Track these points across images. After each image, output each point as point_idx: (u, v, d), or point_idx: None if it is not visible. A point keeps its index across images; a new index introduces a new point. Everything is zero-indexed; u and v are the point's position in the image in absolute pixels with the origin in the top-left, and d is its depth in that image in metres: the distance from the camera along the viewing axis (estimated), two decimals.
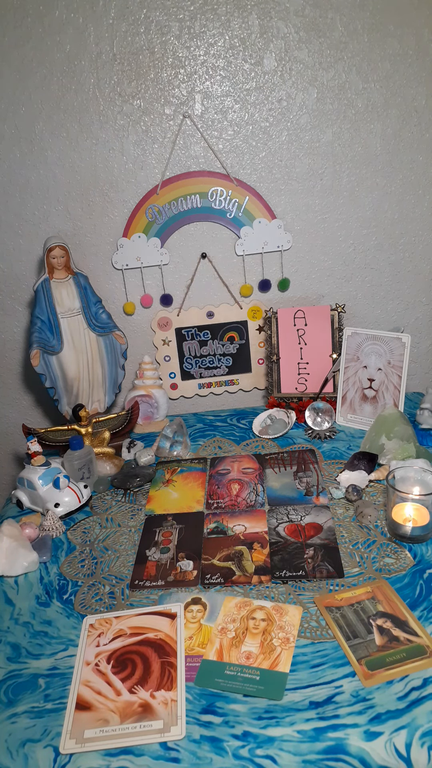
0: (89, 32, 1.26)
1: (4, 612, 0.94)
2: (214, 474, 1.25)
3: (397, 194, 1.43)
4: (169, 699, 0.76)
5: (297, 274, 1.50)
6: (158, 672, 0.79)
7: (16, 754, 0.71)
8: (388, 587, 0.89)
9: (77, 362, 1.37)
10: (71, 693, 0.78)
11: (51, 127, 1.32)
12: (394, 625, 0.82)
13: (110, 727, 0.73)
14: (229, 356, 1.54)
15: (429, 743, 0.67)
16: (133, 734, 0.72)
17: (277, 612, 0.87)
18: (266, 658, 0.80)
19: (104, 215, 1.41)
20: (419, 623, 0.82)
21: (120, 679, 0.79)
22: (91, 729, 0.73)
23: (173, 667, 0.80)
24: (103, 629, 0.88)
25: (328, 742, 0.69)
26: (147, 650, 0.83)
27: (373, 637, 0.81)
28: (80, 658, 0.83)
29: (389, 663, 0.77)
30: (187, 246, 1.45)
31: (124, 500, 1.20)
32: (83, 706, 0.76)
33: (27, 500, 1.18)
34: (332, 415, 1.37)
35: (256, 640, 0.83)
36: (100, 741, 0.71)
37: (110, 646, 0.84)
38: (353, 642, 0.81)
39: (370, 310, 1.55)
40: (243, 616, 0.87)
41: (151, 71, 1.30)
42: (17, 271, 1.46)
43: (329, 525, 1.05)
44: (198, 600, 0.91)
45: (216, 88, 1.32)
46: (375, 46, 1.29)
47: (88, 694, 0.78)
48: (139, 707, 0.75)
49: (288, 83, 1.32)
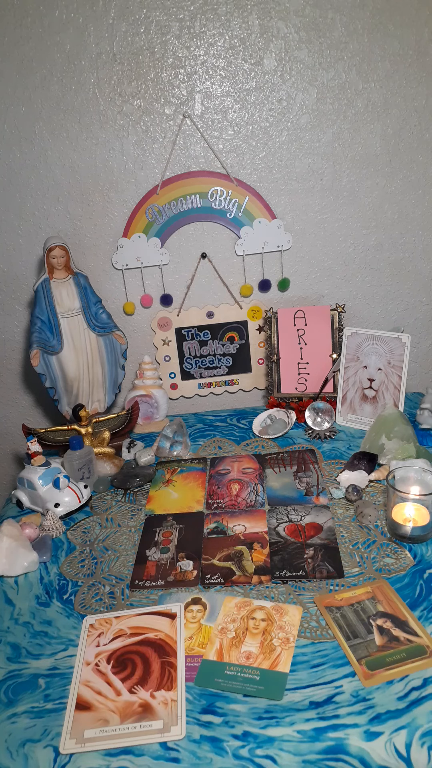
0: (89, 32, 1.26)
1: (4, 612, 0.94)
2: (214, 474, 1.25)
3: (397, 194, 1.43)
4: (169, 699, 0.76)
5: (297, 274, 1.50)
6: (158, 672, 0.79)
7: (16, 754, 0.71)
8: (388, 587, 0.89)
9: (77, 362, 1.37)
10: (71, 693, 0.78)
11: (51, 127, 1.32)
12: (394, 625, 0.82)
13: (110, 727, 0.73)
14: (229, 356, 1.54)
15: (429, 743, 0.67)
16: (133, 734, 0.72)
17: (277, 612, 0.87)
18: (266, 658, 0.80)
19: (104, 215, 1.41)
20: (419, 623, 0.82)
21: (120, 679, 0.79)
22: (91, 729, 0.73)
23: (173, 667, 0.80)
24: (103, 629, 0.88)
25: (328, 742, 0.69)
26: (147, 650, 0.83)
27: (373, 637, 0.81)
28: (80, 658, 0.83)
29: (389, 663, 0.77)
30: (187, 246, 1.45)
31: (124, 500, 1.20)
32: (83, 706, 0.76)
33: (27, 500, 1.18)
34: (332, 415, 1.37)
35: (256, 640, 0.83)
36: (100, 741, 0.71)
37: (110, 646, 0.84)
38: (353, 642, 0.81)
39: (370, 310, 1.55)
40: (243, 616, 0.87)
41: (151, 71, 1.30)
42: (17, 271, 1.46)
43: (329, 525, 1.05)
44: (198, 600, 0.91)
45: (216, 88, 1.32)
46: (375, 46, 1.29)
47: (88, 694, 0.78)
48: (139, 707, 0.75)
49: (288, 83, 1.32)
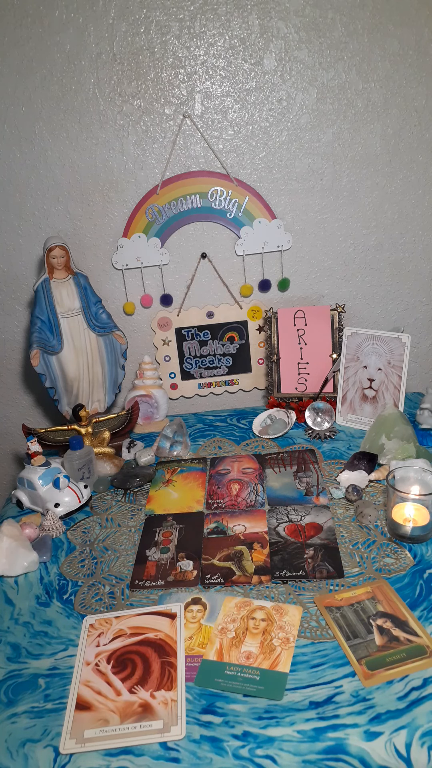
0: (89, 32, 1.26)
1: (4, 612, 0.94)
2: (214, 474, 1.25)
3: (397, 194, 1.43)
4: (169, 699, 0.76)
5: (297, 274, 1.50)
6: (158, 672, 0.79)
7: (16, 754, 0.71)
8: (389, 587, 0.89)
9: (77, 362, 1.37)
10: (71, 693, 0.78)
11: (51, 127, 1.32)
12: (394, 625, 0.82)
13: (110, 727, 0.73)
14: (229, 356, 1.54)
15: (429, 743, 0.67)
16: (133, 734, 0.72)
17: (277, 612, 0.87)
18: (266, 658, 0.80)
19: (104, 215, 1.41)
20: (419, 623, 0.82)
21: (120, 679, 0.79)
22: (91, 729, 0.73)
23: (173, 667, 0.80)
24: (103, 629, 0.88)
25: (328, 742, 0.69)
26: (147, 650, 0.83)
27: (373, 637, 0.81)
28: (80, 658, 0.83)
29: (389, 663, 0.77)
30: (187, 246, 1.45)
31: (124, 500, 1.20)
32: (83, 706, 0.76)
33: (27, 500, 1.18)
34: (332, 415, 1.37)
35: (256, 640, 0.83)
36: (100, 741, 0.71)
37: (110, 646, 0.84)
38: (353, 642, 0.81)
39: (370, 310, 1.55)
40: (243, 616, 0.87)
41: (151, 71, 1.30)
42: (17, 271, 1.46)
43: (329, 525, 1.05)
44: (198, 600, 0.91)
45: (216, 88, 1.32)
46: (375, 46, 1.29)
47: (88, 694, 0.78)
48: (139, 707, 0.75)
49: (288, 83, 1.32)
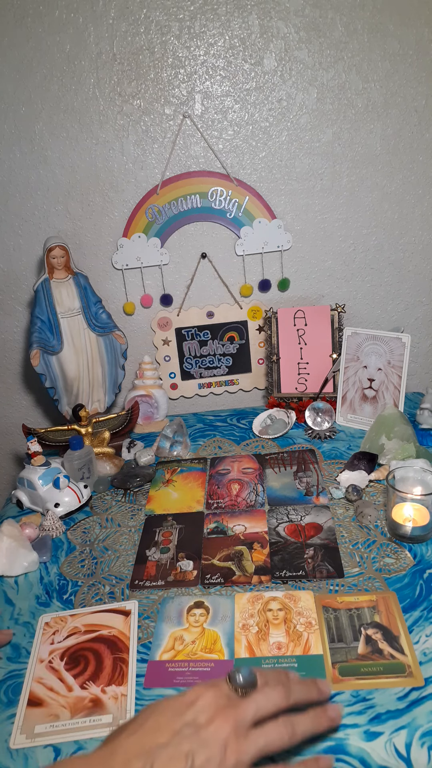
0: (89, 32, 1.26)
1: (4, 612, 0.94)
2: (214, 474, 1.25)
3: (397, 194, 1.43)
4: (119, 693, 0.77)
5: (297, 274, 1.50)
6: (110, 668, 0.81)
7: (16, 754, 0.71)
8: (395, 601, 0.87)
9: (77, 362, 1.37)
10: (24, 690, 0.79)
11: (51, 127, 1.32)
12: (384, 638, 0.80)
13: (60, 722, 0.74)
14: (229, 356, 1.54)
15: (429, 743, 0.67)
16: (82, 728, 0.73)
17: (290, 600, 0.88)
18: (297, 645, 0.81)
19: (104, 215, 1.41)
20: (410, 643, 0.80)
21: (72, 675, 0.81)
22: (42, 724, 0.74)
23: (125, 663, 0.81)
24: (59, 627, 0.89)
25: (328, 742, 0.69)
26: (100, 647, 0.84)
27: (357, 645, 0.80)
28: (34, 656, 0.84)
29: (362, 674, 0.76)
30: (187, 246, 1.45)
31: (124, 500, 1.20)
32: (35, 702, 0.77)
33: (27, 500, 1.18)
34: (332, 415, 1.37)
35: (280, 630, 0.84)
36: (50, 735, 0.73)
37: (64, 644, 0.86)
38: (335, 645, 0.80)
39: (370, 310, 1.55)
40: (259, 610, 0.88)
41: (151, 71, 1.30)
42: (17, 271, 1.46)
43: (329, 525, 1.05)
44: (201, 604, 0.91)
45: (216, 88, 1.32)
46: (375, 46, 1.29)
47: (41, 690, 0.79)
48: (90, 702, 0.76)
49: (288, 83, 1.32)
